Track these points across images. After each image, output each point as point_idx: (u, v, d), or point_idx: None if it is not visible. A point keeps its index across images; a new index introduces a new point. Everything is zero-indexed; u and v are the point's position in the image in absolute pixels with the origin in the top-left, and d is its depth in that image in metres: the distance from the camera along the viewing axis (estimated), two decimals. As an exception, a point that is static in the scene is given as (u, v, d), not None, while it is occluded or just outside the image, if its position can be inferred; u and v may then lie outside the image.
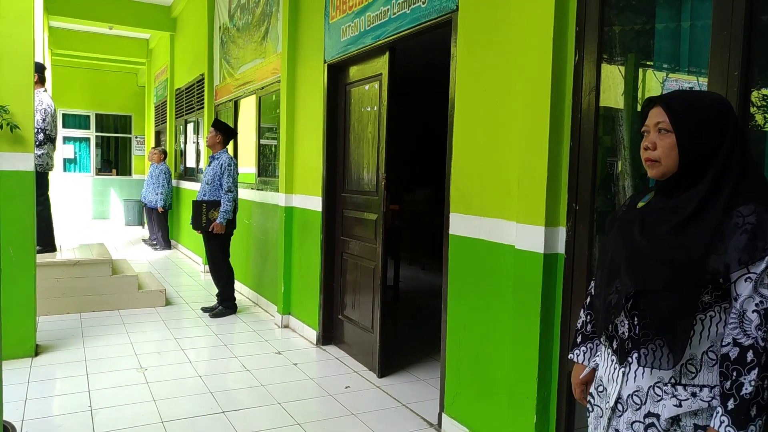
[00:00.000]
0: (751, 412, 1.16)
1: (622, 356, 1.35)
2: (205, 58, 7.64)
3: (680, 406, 1.26)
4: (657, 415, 1.29)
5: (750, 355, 1.16)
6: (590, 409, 1.51)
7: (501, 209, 2.63)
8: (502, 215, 2.62)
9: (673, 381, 1.28)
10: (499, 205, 2.64)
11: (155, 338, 4.59)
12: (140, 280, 5.79)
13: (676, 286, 1.22)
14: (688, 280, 1.21)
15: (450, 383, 3.00)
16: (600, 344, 1.49)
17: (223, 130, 5.36)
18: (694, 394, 1.26)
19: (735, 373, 1.18)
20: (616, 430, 1.38)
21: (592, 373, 1.54)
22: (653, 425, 1.30)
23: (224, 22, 7.07)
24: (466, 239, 2.87)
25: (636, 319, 1.31)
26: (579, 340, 1.59)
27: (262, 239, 5.74)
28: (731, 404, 1.18)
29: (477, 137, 2.80)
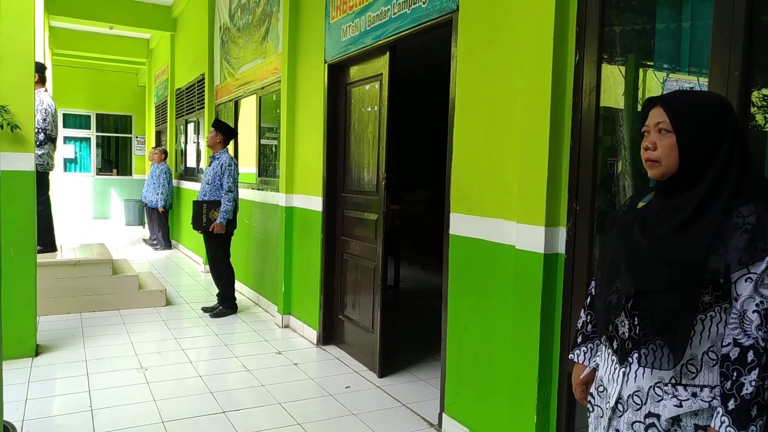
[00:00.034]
0: (752, 413, 1.16)
1: (623, 356, 1.35)
2: (206, 58, 7.64)
3: (681, 407, 1.26)
4: (657, 416, 1.29)
5: (750, 356, 1.17)
6: (590, 410, 1.51)
7: (501, 209, 2.63)
8: (503, 215, 2.62)
9: (673, 381, 1.28)
10: (500, 205, 2.64)
11: (156, 338, 4.59)
12: (141, 280, 5.79)
13: (676, 287, 1.22)
14: (689, 281, 1.21)
15: (450, 383, 3.00)
16: (600, 344, 1.49)
17: (224, 130, 5.37)
18: (695, 395, 1.26)
19: (735, 374, 1.18)
20: (617, 430, 1.38)
21: (593, 373, 1.54)
22: (654, 425, 1.30)
23: (225, 22, 7.07)
24: (466, 239, 2.87)
25: (636, 320, 1.31)
26: (579, 340, 1.59)
27: (263, 239, 5.74)
28: (732, 404, 1.18)
29: (477, 137, 2.79)
